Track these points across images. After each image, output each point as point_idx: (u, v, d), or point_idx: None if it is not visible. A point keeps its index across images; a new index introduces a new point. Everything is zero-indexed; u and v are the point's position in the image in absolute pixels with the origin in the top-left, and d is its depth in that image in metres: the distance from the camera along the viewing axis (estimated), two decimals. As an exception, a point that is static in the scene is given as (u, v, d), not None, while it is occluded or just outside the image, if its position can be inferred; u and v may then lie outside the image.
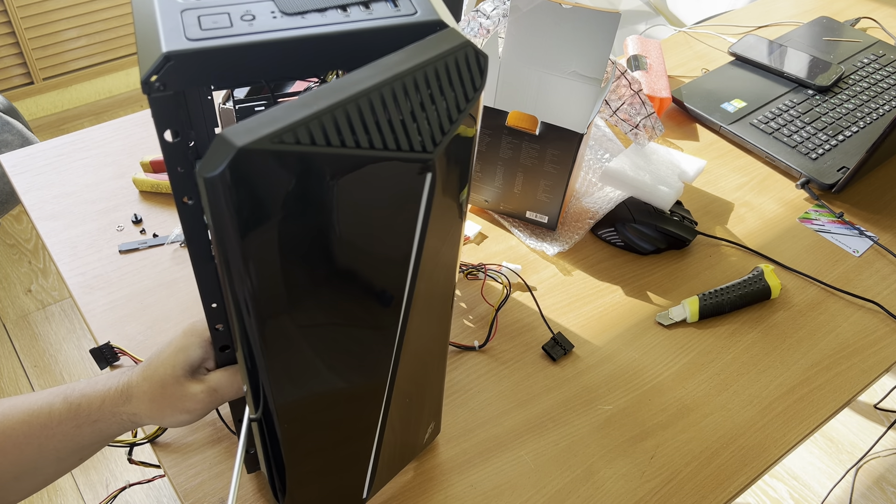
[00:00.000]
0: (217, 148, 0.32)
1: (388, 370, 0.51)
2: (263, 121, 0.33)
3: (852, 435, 1.61)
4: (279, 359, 0.42)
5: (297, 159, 0.34)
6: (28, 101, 2.26)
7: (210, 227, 0.35)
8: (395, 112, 0.37)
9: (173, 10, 0.38)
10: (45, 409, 0.53)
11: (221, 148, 0.32)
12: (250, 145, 0.32)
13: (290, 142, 0.33)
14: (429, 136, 0.39)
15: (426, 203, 0.43)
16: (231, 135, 0.32)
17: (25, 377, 1.63)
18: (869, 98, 1.14)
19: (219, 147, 0.32)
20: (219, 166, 0.32)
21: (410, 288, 0.47)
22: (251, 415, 0.49)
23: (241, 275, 0.37)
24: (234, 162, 0.32)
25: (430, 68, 0.38)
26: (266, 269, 0.37)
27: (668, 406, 0.74)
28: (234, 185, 0.32)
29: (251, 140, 0.32)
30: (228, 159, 0.31)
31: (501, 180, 0.88)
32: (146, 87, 0.36)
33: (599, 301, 0.84)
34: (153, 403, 0.53)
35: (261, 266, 0.37)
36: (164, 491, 1.45)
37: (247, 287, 0.37)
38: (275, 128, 0.32)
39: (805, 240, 0.94)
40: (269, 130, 0.32)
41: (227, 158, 0.31)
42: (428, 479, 0.67)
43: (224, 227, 0.34)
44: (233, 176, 0.32)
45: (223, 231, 0.35)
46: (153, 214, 0.89)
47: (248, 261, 0.36)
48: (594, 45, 0.87)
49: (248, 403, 0.49)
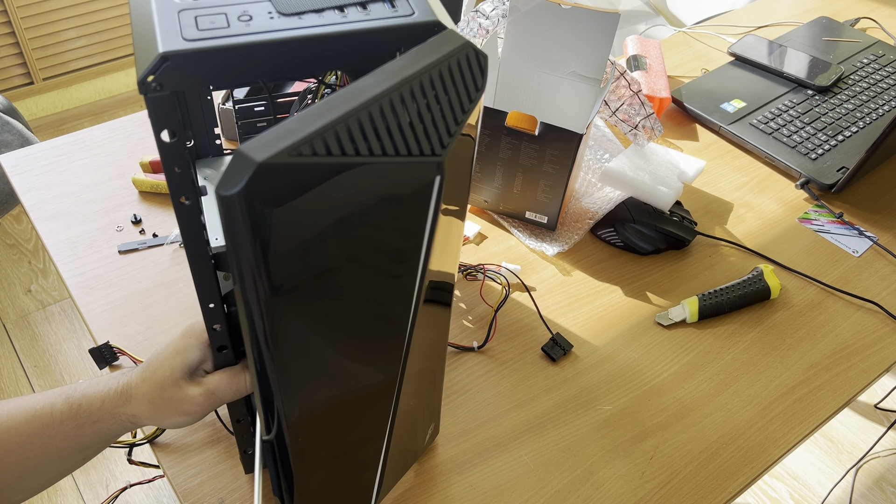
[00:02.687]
0: (236, 164, 0.32)
1: (398, 375, 0.51)
2: (279, 134, 0.32)
3: (852, 435, 1.61)
4: (294, 373, 0.42)
5: (315, 171, 0.33)
6: (28, 101, 2.26)
7: (228, 243, 0.34)
8: (405, 117, 0.37)
9: (170, 10, 0.38)
10: (47, 410, 0.54)
11: (240, 164, 0.31)
12: (270, 159, 0.31)
13: (307, 153, 0.32)
14: (436, 138, 0.39)
15: (435, 205, 0.42)
16: (249, 150, 0.31)
17: (25, 377, 1.64)
18: (869, 98, 1.14)
19: (238, 163, 0.31)
20: (239, 182, 0.31)
21: (420, 288, 0.47)
22: (264, 436, 0.50)
23: (264, 293, 0.36)
24: (254, 177, 0.31)
25: (435, 71, 0.38)
26: (286, 285, 0.37)
27: (667, 406, 0.74)
28: (255, 199, 0.32)
29: (270, 154, 0.31)
30: (249, 175, 0.31)
31: (501, 180, 0.88)
32: (143, 88, 0.36)
33: (599, 301, 0.84)
34: (152, 405, 0.53)
35: (281, 283, 0.36)
36: (164, 491, 1.45)
37: (266, 304, 0.37)
38: (292, 140, 0.32)
39: (805, 240, 0.94)
40: (286, 143, 0.32)
41: (248, 174, 0.31)
42: (427, 480, 0.67)
43: (243, 243, 0.34)
44: (254, 191, 0.32)
45: (243, 247, 0.34)
46: (153, 215, 0.89)
47: (270, 278, 0.35)
48: (593, 45, 0.87)
49: (259, 420, 0.49)
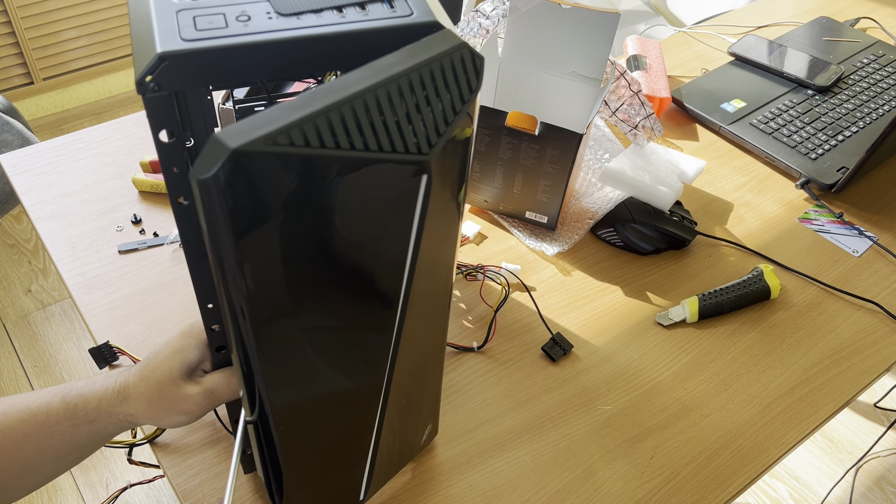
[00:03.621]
0: (210, 150, 0.32)
1: (385, 372, 0.51)
2: (257, 122, 0.33)
3: (852, 435, 1.60)
4: (274, 361, 0.42)
5: (292, 161, 0.34)
6: (28, 101, 2.26)
7: (204, 229, 0.35)
8: (391, 113, 0.37)
9: (169, 10, 0.38)
10: (42, 409, 0.53)
11: (215, 150, 0.32)
12: (244, 147, 0.31)
13: (284, 143, 0.33)
14: (424, 137, 0.39)
15: (422, 204, 0.42)
16: (224, 136, 0.32)
17: (25, 377, 1.64)
18: (868, 98, 1.14)
19: (212, 149, 0.32)
20: (212, 168, 0.31)
21: (407, 289, 0.47)
22: (247, 417, 0.49)
23: (236, 277, 0.37)
24: (227, 164, 0.31)
25: (426, 70, 0.38)
26: (260, 272, 0.37)
27: (667, 406, 0.74)
28: (227, 186, 0.32)
29: (245, 142, 0.32)
30: (222, 161, 0.31)
31: (501, 180, 0.88)
32: (141, 88, 0.36)
33: (599, 301, 0.84)
34: (150, 404, 0.53)
35: (255, 268, 0.37)
36: (164, 491, 1.45)
37: (241, 289, 0.37)
38: (269, 129, 0.32)
39: (805, 240, 0.94)
40: (263, 132, 0.32)
41: (221, 160, 0.31)
42: (427, 480, 0.67)
43: (218, 229, 0.34)
44: (226, 178, 0.32)
45: (217, 233, 0.35)
46: (152, 214, 0.89)
47: (242, 263, 0.36)
48: (593, 45, 0.87)
49: (244, 406, 0.49)
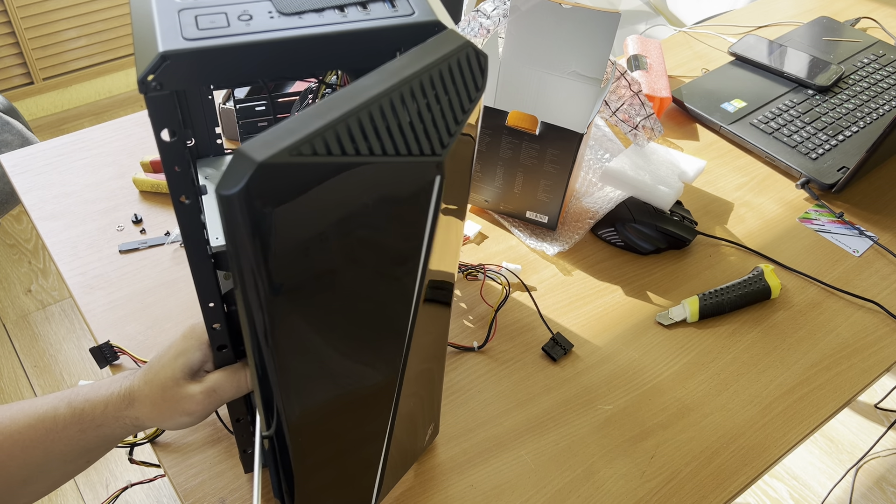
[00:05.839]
0: (236, 164, 0.31)
1: (398, 374, 0.51)
2: (279, 134, 0.32)
3: (852, 435, 1.60)
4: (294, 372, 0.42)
5: (315, 170, 0.33)
6: (28, 101, 2.26)
7: (228, 243, 0.34)
8: (405, 117, 0.37)
9: (170, 9, 0.38)
10: (49, 414, 0.54)
11: (241, 164, 0.31)
12: (270, 159, 0.31)
13: (307, 153, 0.32)
14: (437, 138, 0.39)
15: (435, 205, 0.42)
16: (249, 150, 0.31)
17: (25, 377, 1.64)
18: (869, 98, 1.14)
19: (237, 163, 0.31)
20: (240, 182, 0.31)
21: (420, 288, 0.47)
22: (264, 432, 0.49)
23: (264, 292, 0.36)
24: (255, 176, 0.31)
25: (435, 71, 0.38)
26: (286, 285, 0.36)
27: (667, 406, 0.74)
28: (255, 199, 0.32)
29: (270, 154, 0.31)
30: (249, 174, 0.31)
31: (501, 180, 0.88)
32: (143, 87, 0.36)
33: (599, 301, 0.84)
34: (154, 407, 0.53)
35: (282, 283, 0.36)
36: (165, 491, 1.45)
37: (265, 304, 0.36)
38: (292, 140, 0.32)
39: (805, 240, 0.94)
40: (286, 143, 0.32)
41: (248, 173, 0.31)
42: (428, 480, 0.67)
43: (244, 243, 0.34)
44: (254, 191, 0.31)
45: (243, 247, 0.34)
46: (153, 214, 0.89)
47: (270, 277, 0.35)
48: (594, 45, 0.87)
49: (260, 418, 0.49)
